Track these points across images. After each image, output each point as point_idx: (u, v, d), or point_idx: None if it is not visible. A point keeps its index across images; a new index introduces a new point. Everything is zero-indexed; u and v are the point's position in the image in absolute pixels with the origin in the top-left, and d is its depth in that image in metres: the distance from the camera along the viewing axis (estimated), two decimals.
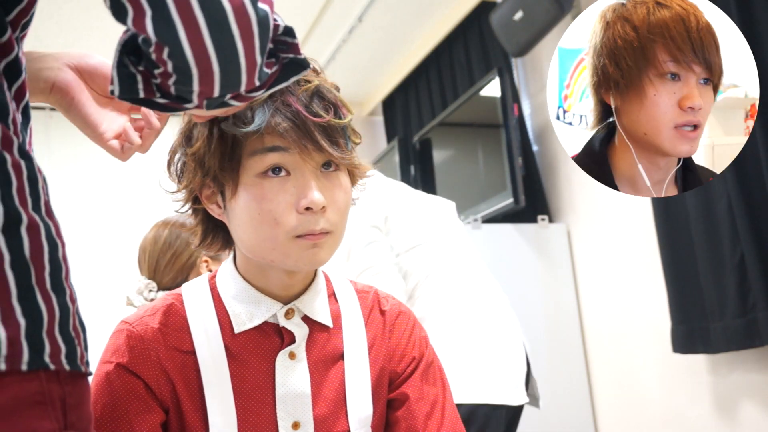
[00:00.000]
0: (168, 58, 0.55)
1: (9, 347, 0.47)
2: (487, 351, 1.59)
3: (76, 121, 0.81)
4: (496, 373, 1.57)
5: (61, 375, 0.51)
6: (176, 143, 0.88)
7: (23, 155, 0.53)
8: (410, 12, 3.37)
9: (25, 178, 0.52)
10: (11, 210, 0.50)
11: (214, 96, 0.59)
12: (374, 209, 1.72)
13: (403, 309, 1.01)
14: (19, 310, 0.48)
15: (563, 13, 2.58)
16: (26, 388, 0.48)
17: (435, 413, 0.93)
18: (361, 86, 4.14)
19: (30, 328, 0.49)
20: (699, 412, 2.29)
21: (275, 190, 0.80)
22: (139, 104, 0.63)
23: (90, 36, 3.35)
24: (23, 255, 0.50)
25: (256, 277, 0.88)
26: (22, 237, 0.50)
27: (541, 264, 2.79)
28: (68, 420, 0.51)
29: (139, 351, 0.83)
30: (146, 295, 1.55)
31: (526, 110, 3.08)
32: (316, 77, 0.85)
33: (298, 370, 0.87)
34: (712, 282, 2.12)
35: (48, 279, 0.51)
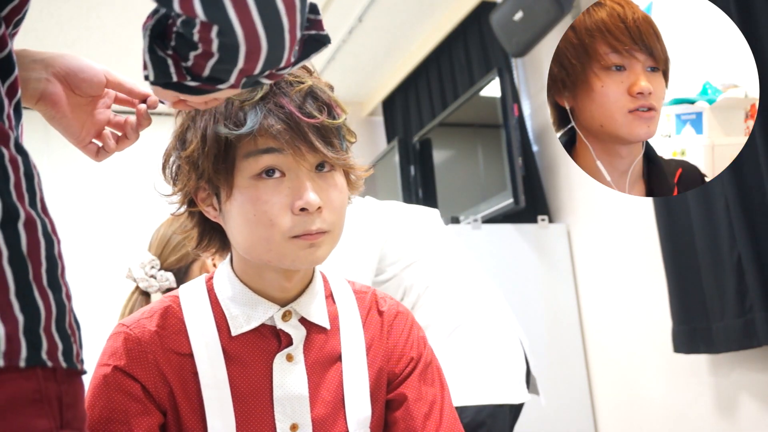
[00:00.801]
0: (216, 36, 0.55)
1: (7, 343, 0.47)
2: (488, 352, 1.60)
3: (58, 128, 0.82)
4: (498, 373, 1.58)
5: (57, 373, 0.51)
6: (170, 146, 0.88)
7: (19, 150, 0.53)
8: (410, 12, 3.37)
9: (22, 173, 0.52)
10: (9, 206, 0.49)
11: (254, 73, 0.60)
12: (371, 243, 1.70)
13: (401, 309, 1.00)
14: (17, 306, 0.48)
15: (563, 13, 2.58)
16: (24, 387, 0.48)
17: (433, 413, 0.93)
18: (361, 86, 4.14)
19: (28, 324, 0.48)
20: (700, 412, 2.28)
21: (270, 191, 0.80)
22: (170, 89, 0.62)
23: (90, 36, 3.35)
24: (21, 251, 0.50)
25: (253, 279, 0.88)
26: (20, 233, 0.50)
27: (541, 264, 2.79)
28: (64, 418, 0.51)
29: (137, 354, 0.83)
30: (148, 270, 1.55)
31: (526, 110, 3.08)
32: (310, 77, 0.85)
33: (295, 372, 0.87)
34: (713, 282, 2.12)
35: (45, 275, 0.51)
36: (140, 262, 1.55)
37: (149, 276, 1.54)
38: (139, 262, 1.55)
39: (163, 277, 1.54)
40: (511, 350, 1.63)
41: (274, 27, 0.57)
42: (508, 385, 1.58)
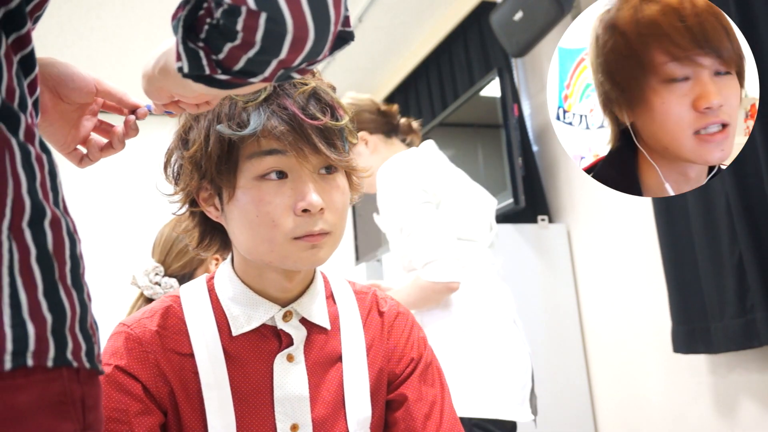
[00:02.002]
0: (264, 23, 0.55)
1: (36, 343, 0.47)
2: (500, 365, 1.59)
3: (43, 134, 0.81)
4: (506, 390, 1.57)
5: (81, 375, 0.51)
6: (172, 146, 0.88)
7: (44, 148, 0.53)
8: (410, 12, 3.37)
9: (47, 172, 0.52)
10: (36, 204, 0.49)
11: (293, 65, 0.60)
12: (429, 176, 1.70)
13: (401, 310, 1.01)
14: (45, 306, 0.48)
15: (563, 13, 2.58)
16: (49, 389, 0.48)
17: (434, 414, 0.93)
18: (361, 86, 4.14)
19: (55, 324, 0.48)
20: (699, 412, 2.28)
21: (273, 192, 0.80)
22: (201, 82, 0.62)
23: (90, 36, 3.35)
24: (47, 250, 0.49)
25: (254, 279, 0.88)
26: (46, 232, 0.50)
27: (541, 264, 2.79)
28: (87, 421, 0.51)
29: (137, 353, 0.83)
30: (152, 277, 1.56)
31: (526, 110, 3.08)
32: (313, 79, 0.85)
33: (296, 372, 0.87)
34: (712, 282, 2.12)
35: (69, 275, 0.51)
36: (144, 269, 1.56)
37: (154, 283, 1.55)
38: (143, 270, 1.56)
39: (167, 284, 1.54)
40: (522, 367, 1.61)
41: (322, 17, 0.56)
42: (515, 402, 1.56)
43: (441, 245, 1.61)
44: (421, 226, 1.63)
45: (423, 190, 1.68)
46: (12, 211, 0.47)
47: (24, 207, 0.48)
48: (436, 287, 1.59)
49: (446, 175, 1.77)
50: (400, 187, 1.68)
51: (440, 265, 1.59)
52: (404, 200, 1.66)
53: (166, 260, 1.58)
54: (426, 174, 1.71)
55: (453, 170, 1.84)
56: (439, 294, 1.60)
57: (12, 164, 0.48)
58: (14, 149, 0.49)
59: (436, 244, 1.61)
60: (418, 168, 1.71)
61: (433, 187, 1.70)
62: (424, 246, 1.61)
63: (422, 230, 1.62)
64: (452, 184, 1.76)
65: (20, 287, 0.47)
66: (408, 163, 1.73)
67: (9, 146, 0.48)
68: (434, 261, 1.60)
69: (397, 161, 1.74)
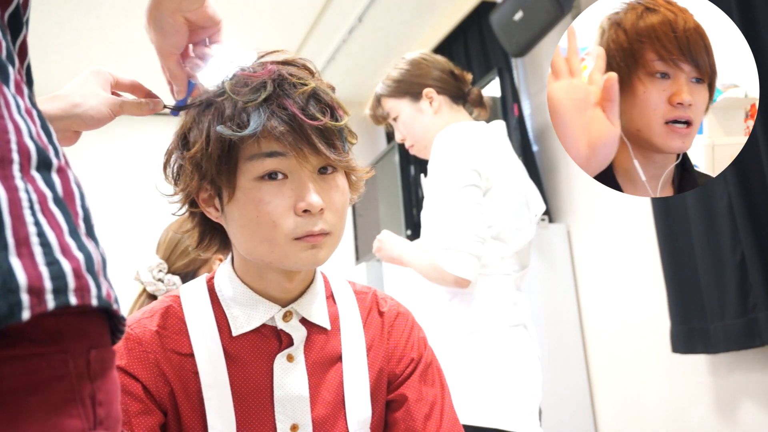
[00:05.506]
0: None
1: (76, 279, 0.43)
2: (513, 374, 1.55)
3: None
4: (519, 402, 1.53)
5: (91, 369, 0.47)
6: (172, 145, 0.88)
7: (33, 104, 0.50)
8: (410, 12, 3.37)
9: (39, 126, 0.49)
10: (40, 151, 0.46)
11: None
12: (486, 158, 1.60)
13: (401, 310, 1.01)
14: (74, 245, 0.44)
15: (563, 13, 2.58)
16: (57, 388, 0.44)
17: (434, 414, 0.93)
18: (361, 86, 4.14)
19: (87, 263, 0.44)
20: (699, 412, 2.28)
21: (273, 193, 0.80)
22: None
23: (90, 36, 3.35)
24: (59, 195, 0.46)
25: (254, 279, 0.88)
26: (54, 179, 0.47)
27: (541, 264, 2.79)
28: (97, 417, 0.47)
29: (137, 353, 0.83)
30: (155, 273, 1.57)
31: (526, 110, 3.08)
32: (312, 79, 0.85)
33: (296, 372, 0.87)
34: (712, 282, 2.12)
35: (83, 225, 0.48)
36: (148, 265, 1.57)
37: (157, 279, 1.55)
38: (147, 266, 1.56)
39: (170, 281, 1.55)
40: (534, 378, 1.58)
41: None
42: (526, 415, 1.53)
43: (466, 237, 1.52)
44: (456, 209, 1.54)
45: (475, 170, 1.57)
46: (19, 155, 0.44)
47: (30, 152, 0.45)
48: (446, 276, 1.53)
49: (505, 165, 1.66)
50: (453, 160, 1.57)
51: (457, 257, 1.52)
52: (452, 175, 1.56)
53: (170, 257, 1.59)
54: (484, 155, 1.60)
55: (514, 161, 1.72)
56: (447, 282, 1.54)
57: (8, 111, 0.45)
58: (8, 96, 0.46)
59: (462, 234, 1.52)
60: (477, 146, 1.60)
61: (487, 171, 1.59)
62: (449, 231, 1.53)
63: (455, 215, 1.54)
64: (507, 176, 1.65)
65: (46, 227, 0.43)
66: (469, 137, 1.62)
67: (2, 93, 0.46)
68: (453, 250, 1.52)
69: (458, 130, 1.63)
